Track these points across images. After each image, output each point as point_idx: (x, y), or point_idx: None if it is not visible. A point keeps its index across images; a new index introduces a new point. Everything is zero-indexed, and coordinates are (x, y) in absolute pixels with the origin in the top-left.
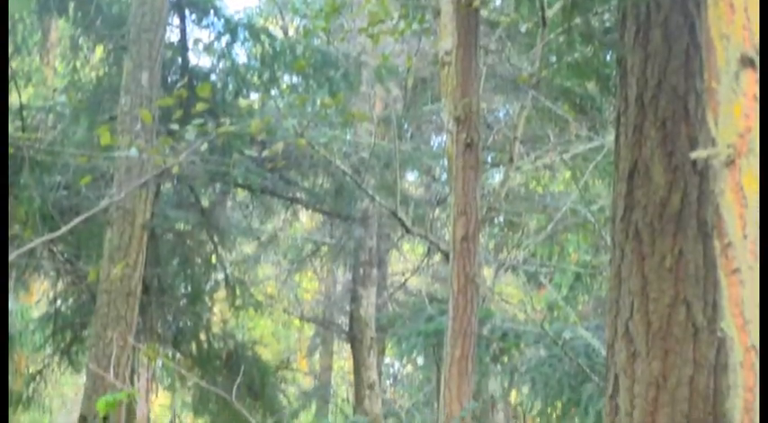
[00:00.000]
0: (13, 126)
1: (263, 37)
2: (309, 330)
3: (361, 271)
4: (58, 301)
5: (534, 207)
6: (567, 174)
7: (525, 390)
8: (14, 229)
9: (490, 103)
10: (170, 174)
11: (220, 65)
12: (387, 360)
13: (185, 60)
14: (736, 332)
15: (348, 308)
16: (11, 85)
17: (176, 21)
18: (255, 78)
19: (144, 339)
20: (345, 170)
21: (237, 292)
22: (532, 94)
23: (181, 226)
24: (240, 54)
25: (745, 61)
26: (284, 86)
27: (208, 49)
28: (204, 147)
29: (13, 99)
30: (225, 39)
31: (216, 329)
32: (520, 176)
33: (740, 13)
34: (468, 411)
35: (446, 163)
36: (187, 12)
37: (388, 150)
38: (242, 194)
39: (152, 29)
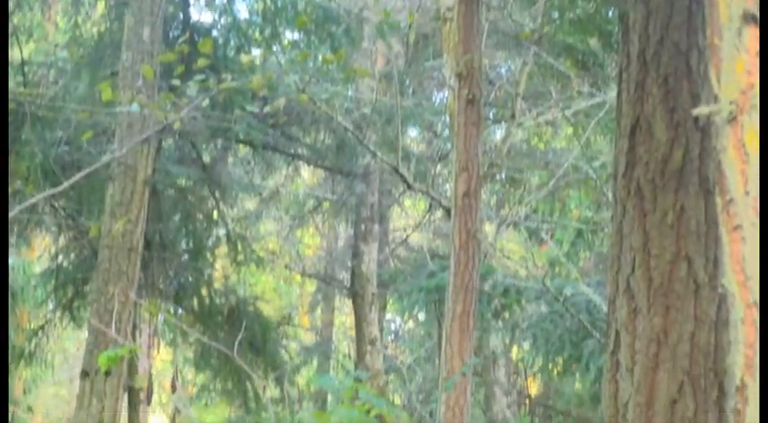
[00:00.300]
0: (14, 81)
1: None
2: (311, 286)
3: (363, 227)
4: (60, 257)
5: (536, 163)
6: (569, 130)
7: (526, 346)
8: (16, 184)
9: (492, 59)
10: (171, 129)
11: (222, 20)
12: (388, 316)
13: (187, 16)
14: (737, 288)
15: (350, 264)
16: (12, 40)
17: None
18: (257, 34)
19: (145, 295)
20: (347, 126)
21: (239, 247)
22: (534, 51)
23: (182, 182)
24: (242, 10)
25: (748, 17)
26: (286, 42)
27: (209, 4)
28: (206, 102)
29: (15, 54)
30: None
31: (217, 285)
32: (521, 132)
33: None
34: (469, 367)
35: (448, 119)
36: None
37: (389, 106)
38: (243, 150)
39: None
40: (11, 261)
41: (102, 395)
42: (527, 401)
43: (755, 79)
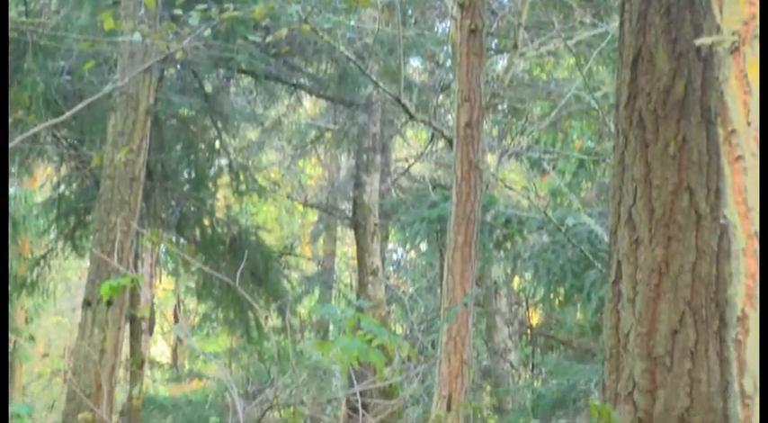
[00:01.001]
0: (16, 10)
1: None
2: (313, 216)
3: (365, 157)
4: (62, 186)
5: (538, 94)
6: (572, 60)
7: (528, 276)
8: (18, 114)
9: None
10: (173, 59)
11: None
12: (390, 246)
13: None
14: (738, 219)
15: (351, 194)
16: None
17: None
18: None
19: (147, 224)
20: (349, 56)
21: (241, 177)
22: None
23: (184, 111)
24: None
25: None
26: None
27: None
28: (208, 32)
29: None
30: None
31: (219, 215)
32: (524, 63)
33: None
34: (470, 297)
35: (450, 49)
36: None
37: (391, 36)
38: (245, 80)
39: None
40: (12, 190)
41: (104, 325)
42: (528, 331)
43: (757, 9)
